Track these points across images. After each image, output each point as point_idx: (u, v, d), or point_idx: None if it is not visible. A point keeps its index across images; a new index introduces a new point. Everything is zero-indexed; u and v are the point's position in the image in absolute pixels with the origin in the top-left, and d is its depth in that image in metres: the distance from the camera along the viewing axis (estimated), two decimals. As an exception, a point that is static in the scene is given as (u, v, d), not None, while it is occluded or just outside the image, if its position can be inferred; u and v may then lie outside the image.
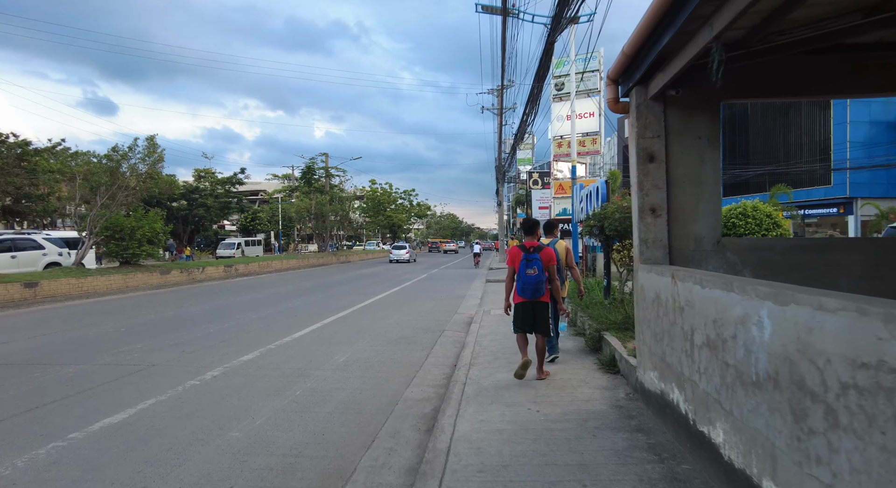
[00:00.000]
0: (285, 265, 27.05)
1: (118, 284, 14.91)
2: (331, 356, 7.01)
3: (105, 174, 15.68)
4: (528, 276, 5.01)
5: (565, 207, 20.74)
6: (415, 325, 9.58)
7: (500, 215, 34.37)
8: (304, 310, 11.48)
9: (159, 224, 17.09)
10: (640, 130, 4.18)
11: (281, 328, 9.19)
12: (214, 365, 6.47)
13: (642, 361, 4.22)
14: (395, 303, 13.11)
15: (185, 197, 42.91)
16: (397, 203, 59.96)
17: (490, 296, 14.47)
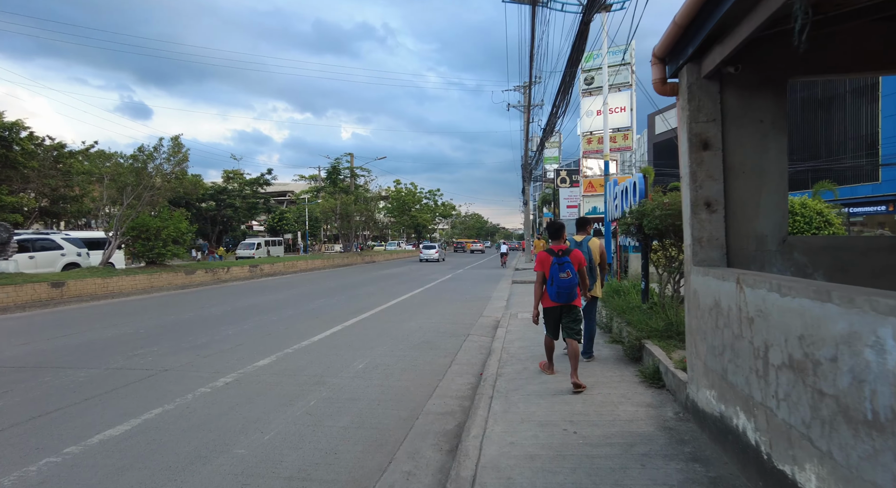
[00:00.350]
0: (310, 265, 27.02)
1: (143, 284, 14.94)
2: (349, 362, 6.64)
3: (131, 174, 15.77)
4: (563, 280, 4.86)
5: (595, 206, 20.04)
6: (438, 329, 9.17)
7: (525, 215, 33.72)
8: (327, 312, 11.19)
9: (184, 224, 17.14)
10: (691, 114, 3.66)
11: (301, 330, 8.89)
12: (228, 370, 6.18)
13: (695, 377, 3.70)
14: (418, 304, 12.73)
15: (214, 197, 43.58)
16: (422, 203, 59.73)
17: (517, 297, 13.96)
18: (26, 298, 11.49)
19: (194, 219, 44.34)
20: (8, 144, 23.04)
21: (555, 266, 4.89)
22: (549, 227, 5.31)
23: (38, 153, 25.93)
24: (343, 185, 36.06)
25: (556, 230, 5.17)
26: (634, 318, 6.49)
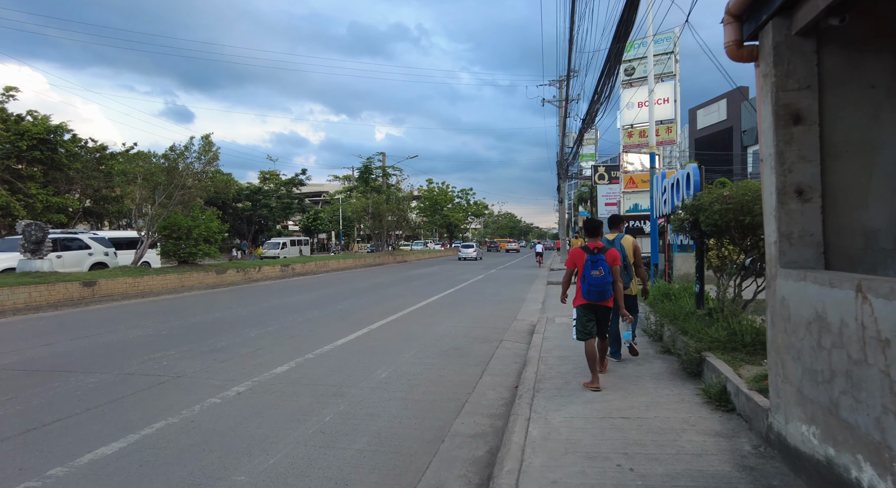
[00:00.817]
0: (342, 265, 26.87)
1: (173, 284, 14.93)
2: (372, 370, 6.14)
3: (162, 173, 15.82)
4: (595, 278, 4.80)
5: (637, 203, 19.05)
6: (469, 334, 8.58)
7: (560, 213, 32.71)
8: (354, 313, 10.77)
9: (215, 223, 17.11)
10: (778, 81, 2.96)
11: (325, 333, 8.47)
12: (243, 378, 5.77)
13: (782, 404, 2.99)
14: (449, 306, 12.17)
15: (249, 198, 44.29)
16: (454, 202, 59.18)
17: (553, 300, 13.23)
18: (59, 297, 11.52)
19: (231, 220, 45.35)
20: (53, 147, 23.76)
21: (588, 263, 4.82)
22: (586, 225, 5.21)
23: (81, 155, 26.74)
24: (375, 185, 35.89)
25: (594, 228, 5.12)
26: (690, 326, 5.74)
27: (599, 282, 4.78)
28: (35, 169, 24.00)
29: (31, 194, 22.90)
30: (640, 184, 18.67)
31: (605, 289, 4.82)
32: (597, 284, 4.79)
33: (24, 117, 23.68)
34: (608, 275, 4.80)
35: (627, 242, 5.87)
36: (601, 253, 4.85)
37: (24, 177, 23.74)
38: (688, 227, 6.73)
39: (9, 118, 23.23)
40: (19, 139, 22.79)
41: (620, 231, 6.07)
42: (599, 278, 4.77)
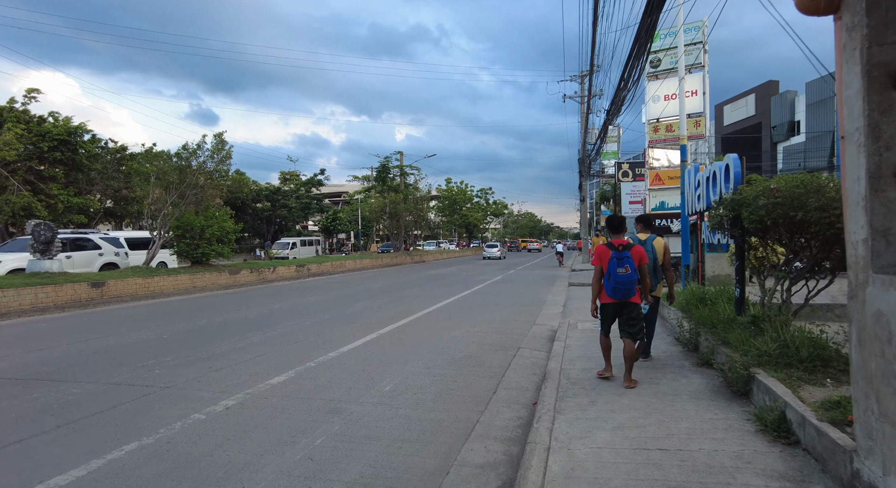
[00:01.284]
0: (359, 265, 26.50)
1: (185, 284, 14.67)
2: (376, 381, 5.60)
3: (174, 172, 15.60)
4: (621, 276, 4.67)
5: (663, 200, 18.19)
6: (484, 340, 7.99)
7: (582, 212, 31.80)
8: (364, 316, 10.28)
9: (229, 223, 16.84)
10: (872, 32, 2.31)
11: (331, 338, 7.98)
12: (236, 389, 5.29)
13: (879, 450, 2.34)
14: (464, 309, 11.59)
15: (269, 198, 44.38)
16: (473, 201, 58.51)
17: (575, 302, 12.53)
18: (66, 298, 11.30)
19: (250, 220, 45.58)
20: (73, 147, 23.93)
21: (613, 260, 4.69)
22: (609, 221, 5.09)
23: (101, 155, 26.95)
24: (392, 184, 35.48)
25: (618, 224, 5.01)
26: (733, 336, 5.06)
27: (626, 280, 4.66)
28: (56, 169, 24.23)
29: (52, 195, 23.10)
30: (667, 181, 17.82)
31: (630, 287, 4.71)
32: (623, 282, 4.67)
33: (46, 119, 23.91)
34: (634, 274, 4.68)
35: (659, 244, 5.73)
36: (627, 249, 4.72)
37: (46, 177, 23.99)
38: (727, 225, 6.03)
39: (31, 120, 23.48)
40: (41, 140, 23.01)
41: (651, 231, 5.92)
42: (626, 276, 4.65)
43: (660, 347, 6.60)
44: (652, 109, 18.02)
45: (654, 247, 5.66)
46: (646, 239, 5.75)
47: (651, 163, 18.22)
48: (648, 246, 5.67)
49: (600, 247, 4.88)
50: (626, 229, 5.18)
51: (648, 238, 5.76)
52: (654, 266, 5.62)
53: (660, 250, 5.72)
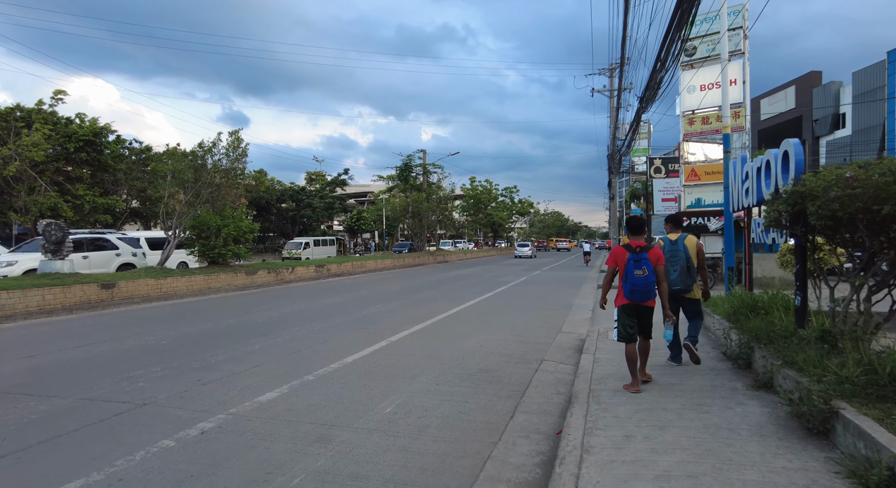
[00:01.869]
0: (379, 265, 26.00)
1: (199, 285, 14.34)
2: (376, 401, 4.94)
3: (189, 171, 15.31)
4: (638, 278, 4.60)
5: (699, 197, 17.05)
6: (503, 350, 7.24)
7: (611, 210, 30.51)
8: (377, 321, 9.66)
9: (245, 223, 16.49)
10: None
11: (337, 347, 7.37)
12: (219, 408, 4.70)
13: None
14: (484, 313, 10.86)
15: (293, 198, 44.49)
16: (498, 200, 57.51)
17: (604, 307, 11.64)
18: (74, 300, 11.03)
19: (276, 220, 45.87)
20: (98, 148, 24.11)
21: (630, 262, 4.64)
22: (629, 222, 5.06)
23: (126, 156, 27.16)
24: (414, 183, 34.89)
25: (638, 226, 4.99)
26: (801, 357, 4.19)
27: (643, 282, 4.58)
28: (83, 170, 24.46)
29: (78, 195, 23.30)
30: (704, 177, 16.68)
31: (648, 290, 4.63)
32: (640, 285, 4.59)
33: (73, 120, 24.16)
34: (652, 275, 4.60)
35: (691, 243, 5.52)
36: (644, 251, 4.63)
37: (73, 178, 24.24)
38: (786, 222, 5.16)
39: (59, 121, 23.74)
40: (67, 141, 23.23)
41: (681, 230, 5.77)
42: (643, 278, 4.58)
43: (706, 363, 5.74)
44: (686, 100, 16.89)
45: (685, 247, 5.44)
46: (676, 238, 5.55)
47: (686, 158, 17.09)
48: (679, 245, 5.47)
49: (617, 249, 4.85)
50: (646, 231, 5.63)
51: (679, 237, 5.55)
52: (688, 265, 5.41)
53: (693, 249, 5.48)
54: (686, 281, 5.41)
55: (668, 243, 5.56)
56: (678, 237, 5.55)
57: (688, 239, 5.54)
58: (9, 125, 22.06)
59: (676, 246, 5.47)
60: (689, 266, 5.41)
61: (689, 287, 5.46)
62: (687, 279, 5.40)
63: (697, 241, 5.60)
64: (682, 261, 5.40)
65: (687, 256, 5.40)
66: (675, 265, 5.42)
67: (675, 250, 5.45)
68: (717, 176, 16.54)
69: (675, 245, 5.48)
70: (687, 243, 5.47)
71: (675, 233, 5.67)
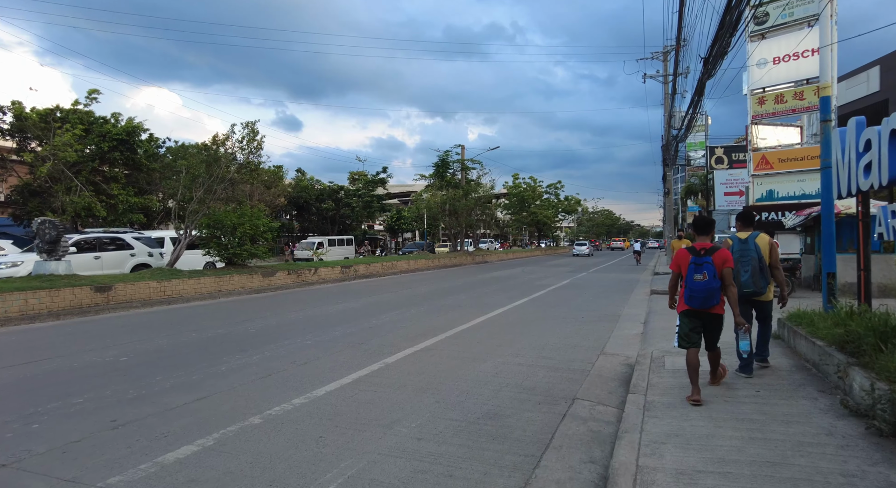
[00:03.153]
0: (412, 266, 24.64)
1: (209, 288, 13.38)
2: (324, 467, 3.44)
3: (201, 165, 14.41)
4: (696, 283, 4.30)
5: (772, 189, 14.63)
6: (524, 381, 5.58)
7: (666, 206, 27.83)
8: (382, 333, 8.21)
9: (263, 221, 15.46)
10: None
11: (315, 371, 5.96)
12: (101, 473, 3.35)
13: None
14: (512, 324, 9.19)
15: (331, 197, 43.91)
16: (542, 198, 55.05)
17: (659, 319, 9.69)
18: (64, 304, 10.18)
19: (316, 220, 45.48)
20: (132, 147, 23.99)
21: (691, 266, 4.35)
22: (695, 222, 4.68)
23: (161, 155, 27.08)
24: (451, 179, 33.29)
25: (704, 225, 4.63)
26: None
27: (702, 287, 4.28)
28: (117, 170, 24.44)
29: (112, 195, 23.24)
30: (777, 165, 14.25)
31: (709, 295, 4.30)
32: (699, 290, 4.30)
33: (109, 120, 24.16)
34: (714, 280, 4.27)
35: (763, 241, 5.16)
36: (708, 254, 4.36)
37: (109, 178, 24.27)
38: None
39: (95, 121, 23.78)
40: (102, 141, 23.21)
41: (752, 228, 5.37)
42: (702, 283, 4.28)
43: (813, 419, 3.90)
44: (756, 76, 14.51)
45: (757, 246, 5.08)
46: (746, 237, 5.16)
47: (755, 144, 14.70)
48: (750, 244, 5.10)
49: (680, 251, 4.59)
50: (714, 232, 4.76)
51: (750, 236, 5.16)
52: (761, 266, 5.03)
53: (765, 248, 5.12)
54: (758, 282, 5.01)
55: (738, 242, 5.15)
56: (748, 235, 5.16)
57: (759, 237, 5.15)
58: (48, 126, 22.28)
59: (747, 245, 5.09)
60: (762, 266, 5.02)
61: (762, 289, 5.05)
62: (759, 281, 5.01)
63: (770, 239, 5.21)
64: (754, 261, 5.01)
65: (759, 256, 5.02)
66: (746, 266, 5.04)
67: (746, 250, 5.07)
68: (794, 163, 14.13)
69: (746, 244, 5.10)
70: (758, 242, 5.10)
71: (745, 232, 5.26)
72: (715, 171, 20.35)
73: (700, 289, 4.28)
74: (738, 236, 5.23)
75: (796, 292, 12.17)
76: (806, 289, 13.00)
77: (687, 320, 4.48)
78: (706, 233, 4.59)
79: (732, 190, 19.68)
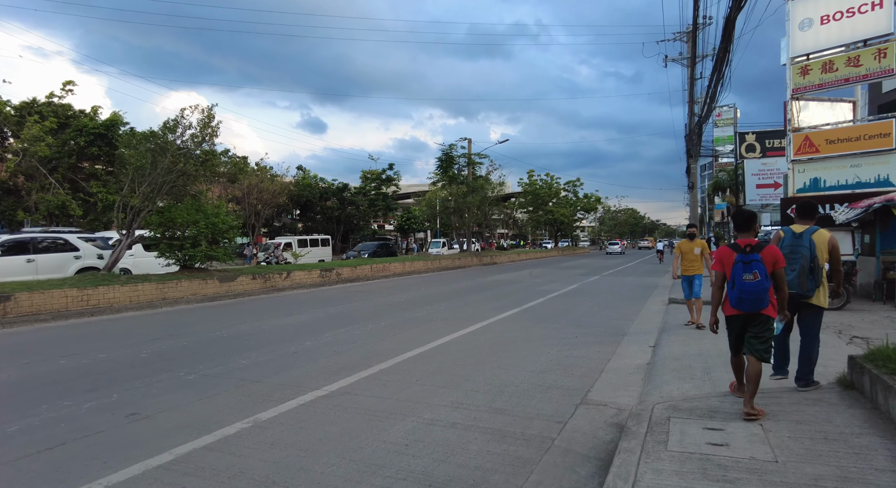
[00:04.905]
0: (408, 268, 22.64)
1: (149, 296, 11.60)
2: None
3: (147, 155, 12.64)
4: (747, 284, 3.76)
5: (817, 177, 12.14)
6: (438, 465, 3.49)
7: (692, 201, 25.09)
8: (300, 363, 6.25)
9: (224, 219, 13.62)
10: None
11: (222, 406, 4.04)
12: None
13: None
14: (479, 349, 7.08)
15: (336, 196, 42.29)
16: (560, 196, 52.41)
17: (675, 337, 7.43)
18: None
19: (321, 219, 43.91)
20: (110, 141, 22.59)
21: (738, 264, 3.83)
22: (735, 217, 4.16)
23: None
24: (455, 175, 31.15)
25: (745, 220, 4.06)
26: None
27: (754, 288, 3.75)
28: (97, 166, 23.10)
29: (92, 193, 21.88)
30: (825, 148, 11.77)
31: (761, 298, 3.77)
32: (750, 291, 3.76)
33: (88, 113, 22.82)
34: (766, 280, 3.74)
35: (822, 238, 4.45)
36: (756, 251, 3.81)
37: (89, 175, 22.95)
38: None
39: (73, 114, 22.45)
40: (79, 135, 21.89)
41: (812, 222, 4.60)
42: (754, 284, 3.74)
43: None
44: (798, 41, 12.06)
45: (812, 243, 4.40)
46: (802, 232, 4.49)
47: (796, 124, 12.26)
48: (805, 240, 4.45)
49: (723, 249, 4.03)
50: (756, 227, 4.10)
51: (806, 231, 4.48)
52: (812, 266, 4.36)
53: (822, 246, 4.42)
54: (805, 284, 4.36)
55: (791, 236, 4.52)
56: (805, 230, 4.49)
57: (818, 233, 4.47)
58: (23, 120, 21.06)
59: (801, 240, 4.45)
60: (813, 267, 4.36)
61: (810, 292, 4.39)
62: (807, 282, 4.36)
63: (831, 237, 4.47)
64: (805, 259, 4.37)
65: (812, 254, 4.36)
66: (795, 264, 4.41)
67: (798, 245, 4.42)
68: (846, 145, 11.64)
69: (800, 239, 4.45)
70: (815, 238, 4.43)
71: (803, 225, 4.58)
72: (745, 161, 17.79)
73: (751, 290, 3.78)
74: (793, 229, 4.58)
75: (852, 303, 9.75)
76: (864, 299, 10.54)
77: (735, 325, 4.03)
78: (748, 229, 4.02)
79: (766, 182, 17.13)
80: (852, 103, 12.89)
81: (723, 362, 5.58)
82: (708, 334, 7.02)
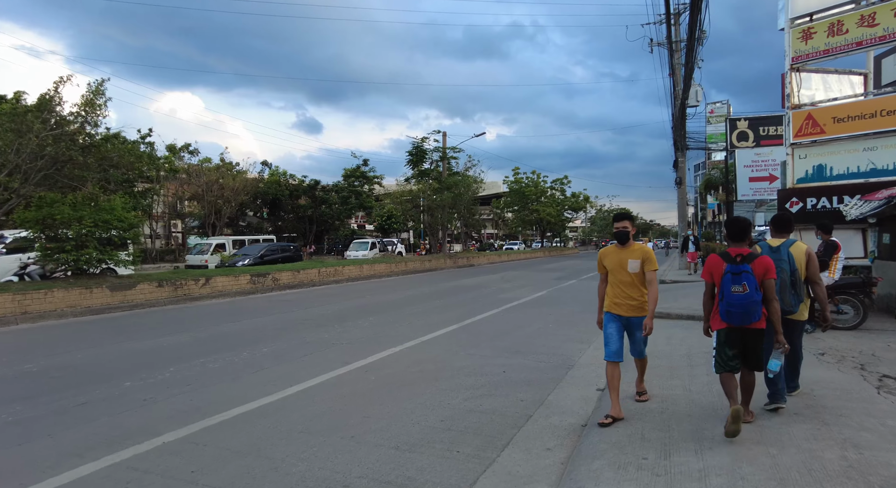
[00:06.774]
0: (366, 272, 20.46)
1: (3, 309, 9.40)
2: None
3: (9, 135, 10.38)
4: (735, 296, 3.58)
5: (822, 164, 10.07)
6: None
7: (679, 198, 23.00)
8: (144, 403, 4.09)
9: (121, 214, 11.40)
10: None
11: None
12: None
13: None
14: (379, 386, 4.95)
15: (307, 193, 40.09)
16: (547, 195, 50.32)
17: (634, 373, 5.30)
18: None
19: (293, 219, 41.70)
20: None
21: (727, 275, 3.63)
22: (728, 226, 3.93)
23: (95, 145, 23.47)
24: (425, 170, 28.99)
25: (738, 230, 3.84)
26: None
27: (742, 301, 3.54)
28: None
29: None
30: (831, 128, 9.71)
31: (750, 310, 3.56)
32: (739, 304, 3.56)
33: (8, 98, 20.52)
34: (756, 293, 3.54)
35: (799, 251, 4.27)
36: (747, 261, 3.63)
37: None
38: None
39: None
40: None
41: (788, 234, 4.40)
42: (742, 296, 3.54)
43: None
44: (800, 1, 10.06)
45: (791, 256, 4.21)
46: (779, 245, 4.27)
47: (797, 100, 10.23)
48: (783, 254, 4.21)
49: (713, 258, 3.84)
50: (750, 237, 3.89)
51: (783, 244, 4.27)
52: (793, 280, 4.15)
53: (800, 260, 4.21)
54: (787, 299, 4.13)
55: (768, 251, 4.22)
56: (782, 243, 4.28)
57: (795, 246, 4.27)
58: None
59: (779, 254, 4.21)
60: (795, 280, 4.16)
61: (793, 307, 4.16)
62: (789, 297, 4.14)
63: (808, 249, 4.28)
64: (786, 273, 4.15)
65: (792, 268, 4.18)
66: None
67: (778, 259, 4.14)
68: (858, 124, 9.60)
69: (777, 253, 4.21)
70: (793, 251, 4.23)
71: (779, 238, 4.37)
72: (737, 150, 15.79)
73: (740, 302, 3.55)
74: (770, 243, 4.31)
75: (870, 320, 7.64)
76: (885, 315, 8.48)
77: (725, 341, 3.70)
78: (742, 239, 3.78)
79: (760, 174, 15.15)
80: (863, 75, 10.83)
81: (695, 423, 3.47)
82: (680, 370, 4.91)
